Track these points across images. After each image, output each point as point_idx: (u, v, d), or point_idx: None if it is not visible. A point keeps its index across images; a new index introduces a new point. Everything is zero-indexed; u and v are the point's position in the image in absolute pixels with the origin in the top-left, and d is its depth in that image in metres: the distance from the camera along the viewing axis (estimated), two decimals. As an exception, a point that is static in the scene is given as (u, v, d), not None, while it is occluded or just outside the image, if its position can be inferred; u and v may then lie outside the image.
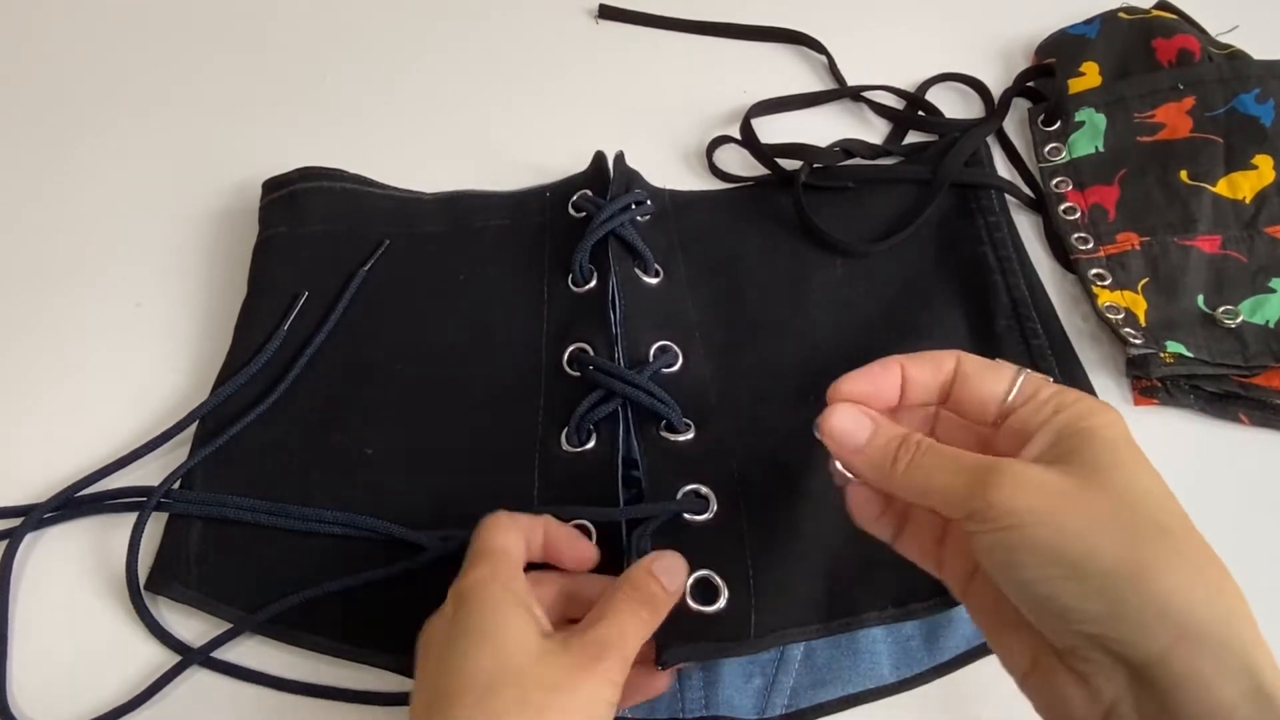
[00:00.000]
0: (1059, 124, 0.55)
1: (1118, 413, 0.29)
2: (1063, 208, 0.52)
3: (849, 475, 0.34)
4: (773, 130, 0.57)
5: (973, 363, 0.32)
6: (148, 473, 0.44)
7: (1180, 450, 0.44)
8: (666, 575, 0.34)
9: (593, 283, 0.47)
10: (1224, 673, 0.24)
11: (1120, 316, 0.46)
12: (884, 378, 0.33)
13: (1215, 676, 0.24)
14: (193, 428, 0.44)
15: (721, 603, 0.36)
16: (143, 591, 0.40)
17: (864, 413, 0.32)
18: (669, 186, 0.54)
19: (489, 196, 0.53)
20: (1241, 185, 0.49)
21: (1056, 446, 0.28)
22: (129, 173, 0.56)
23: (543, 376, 0.45)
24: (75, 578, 0.41)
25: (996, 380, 0.31)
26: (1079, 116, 0.54)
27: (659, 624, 0.33)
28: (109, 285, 0.51)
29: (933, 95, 0.58)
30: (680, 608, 0.36)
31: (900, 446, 0.30)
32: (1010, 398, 0.30)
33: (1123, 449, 0.28)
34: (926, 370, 0.32)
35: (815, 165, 0.52)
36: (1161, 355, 0.44)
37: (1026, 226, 0.52)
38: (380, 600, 0.39)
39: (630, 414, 0.42)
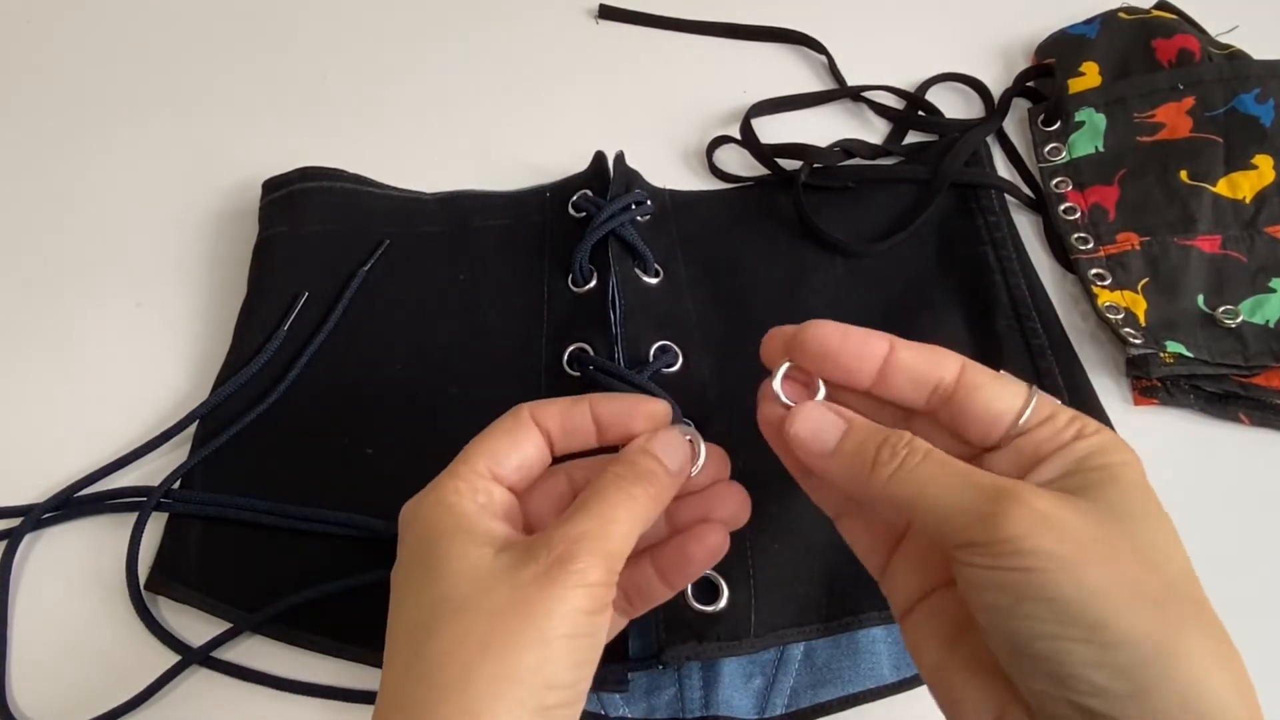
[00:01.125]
0: (1059, 124, 0.55)
1: (1135, 454, 0.26)
2: (1063, 208, 0.52)
3: (789, 402, 0.29)
4: (773, 130, 0.57)
5: (982, 373, 0.27)
6: (148, 473, 0.44)
7: (1180, 450, 0.44)
8: (665, 451, 0.29)
9: (593, 283, 0.47)
10: None
11: (1120, 316, 0.46)
12: (864, 346, 0.27)
13: None
14: (193, 428, 0.44)
15: (722, 602, 0.36)
16: (143, 591, 0.40)
17: (831, 409, 0.28)
18: (669, 186, 0.54)
19: (489, 196, 0.53)
20: (1241, 185, 0.49)
21: (1071, 479, 0.25)
22: (129, 173, 0.56)
23: (542, 376, 0.45)
24: (75, 578, 0.41)
25: (1011, 396, 0.26)
26: (1079, 116, 0.54)
27: (661, 506, 0.28)
28: (109, 285, 0.51)
29: (933, 95, 0.58)
30: (680, 607, 0.36)
31: (882, 448, 0.26)
32: (1025, 418, 0.26)
33: (1146, 497, 0.24)
34: (922, 364, 0.27)
35: (815, 165, 0.52)
36: (1161, 355, 0.44)
37: (1026, 226, 0.52)
38: (380, 600, 0.39)
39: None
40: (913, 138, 0.56)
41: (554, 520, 0.27)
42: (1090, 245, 0.50)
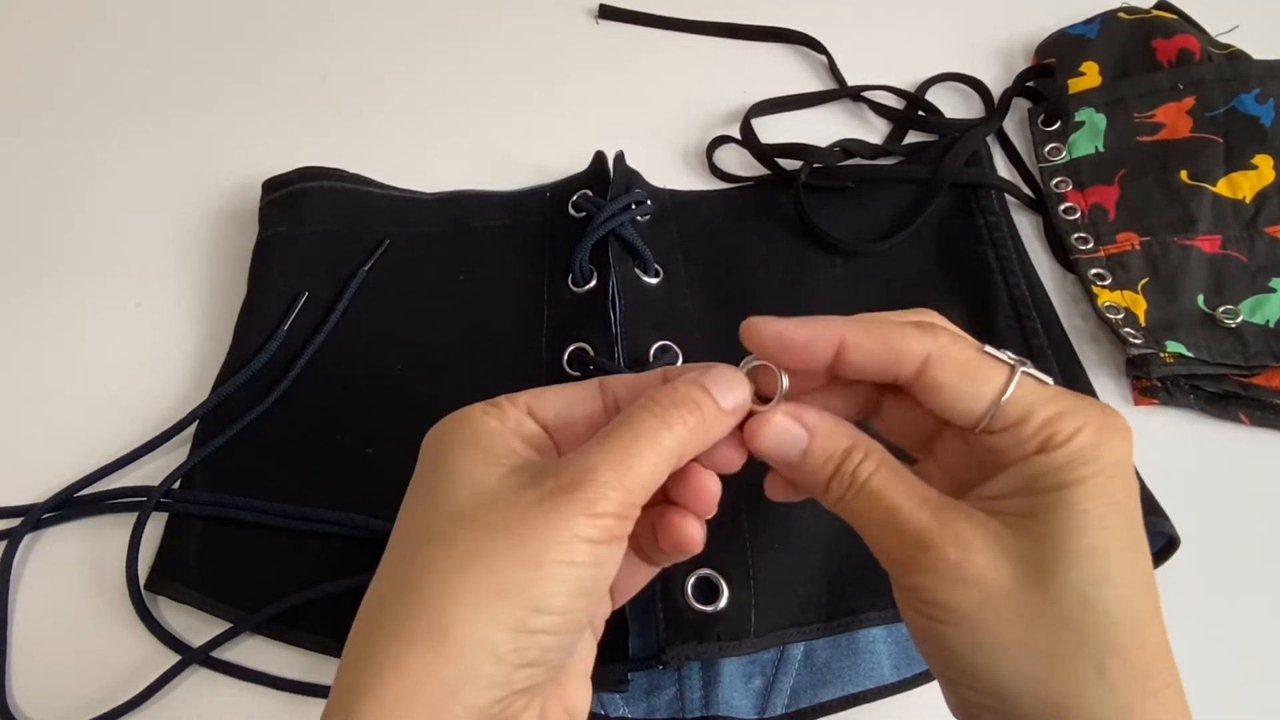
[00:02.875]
0: (1059, 124, 0.55)
1: (1117, 463, 0.24)
2: (1063, 208, 0.52)
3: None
4: (773, 130, 0.57)
5: (948, 369, 0.25)
6: (148, 473, 0.44)
7: (1180, 450, 0.44)
8: (718, 385, 0.26)
9: (593, 283, 0.47)
10: None
11: (1120, 316, 0.46)
12: (807, 351, 0.26)
13: None
14: (193, 428, 0.44)
15: (722, 602, 0.36)
16: (143, 591, 0.40)
17: (797, 418, 0.26)
18: (669, 186, 0.54)
19: (489, 196, 0.53)
20: (1241, 185, 0.49)
21: (1020, 500, 0.24)
22: (129, 173, 0.56)
23: (542, 376, 0.45)
24: (75, 578, 0.41)
25: (973, 398, 0.24)
26: (1079, 116, 0.54)
27: (706, 442, 0.26)
28: (109, 285, 0.51)
29: (933, 95, 0.58)
30: (681, 607, 0.36)
31: (836, 472, 0.25)
32: (987, 422, 0.24)
33: (1098, 526, 0.23)
34: (874, 363, 0.25)
35: (815, 165, 0.52)
36: (1161, 355, 0.44)
37: (1026, 226, 0.52)
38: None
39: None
40: (913, 138, 0.57)
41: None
42: (1090, 245, 0.50)
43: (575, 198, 0.50)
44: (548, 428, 0.27)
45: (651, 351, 0.44)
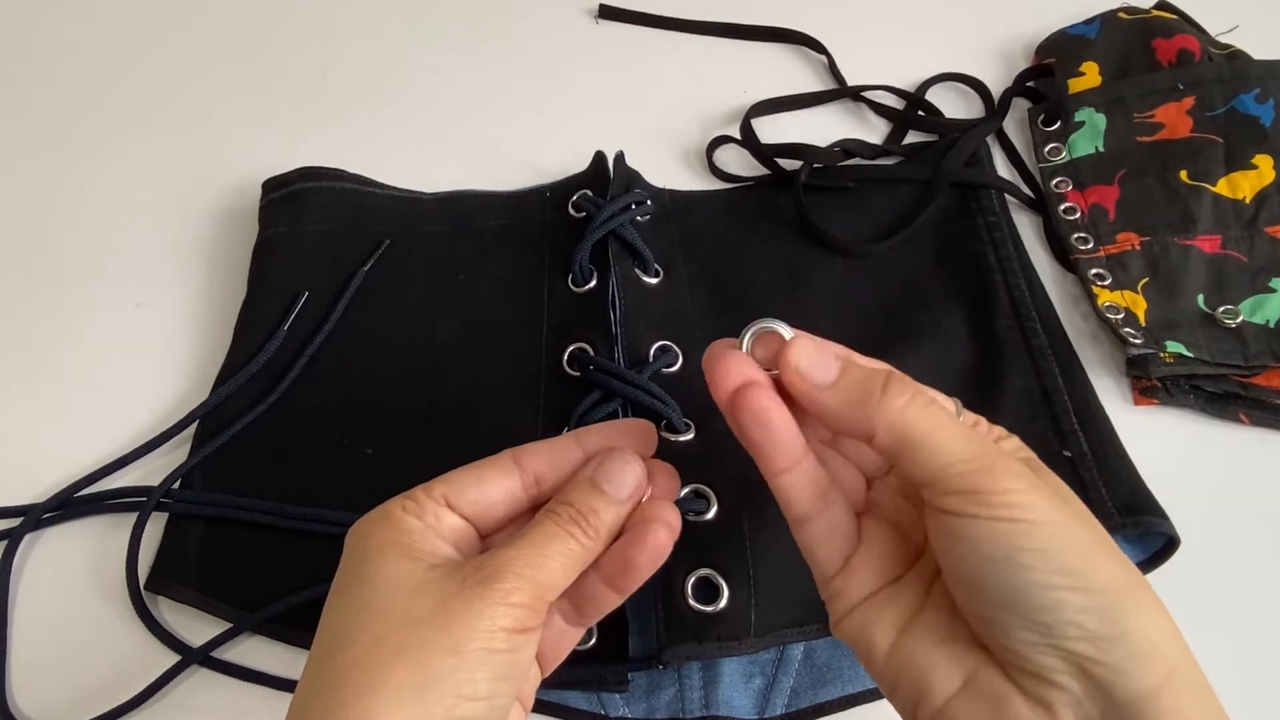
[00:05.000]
0: (1059, 124, 0.55)
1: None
2: (1063, 208, 0.52)
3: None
4: (773, 130, 0.57)
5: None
6: (148, 473, 0.44)
7: (1180, 450, 0.44)
8: (611, 481, 0.28)
9: (593, 283, 0.47)
10: (1207, 717, 0.23)
11: (1120, 316, 0.46)
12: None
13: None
14: (193, 428, 0.44)
15: (722, 602, 0.36)
16: (143, 591, 0.40)
17: (823, 346, 0.27)
18: (669, 186, 0.54)
19: (489, 196, 0.53)
20: (1241, 185, 0.49)
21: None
22: (129, 173, 0.56)
23: (542, 376, 0.45)
24: (75, 578, 0.41)
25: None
26: (1079, 116, 0.54)
27: (603, 543, 0.28)
28: (109, 285, 0.51)
29: (933, 95, 0.58)
30: (680, 607, 0.36)
31: (890, 380, 0.26)
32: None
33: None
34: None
35: (815, 165, 0.52)
36: (1161, 355, 0.44)
37: (1026, 226, 0.52)
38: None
39: (630, 414, 0.42)
40: (913, 138, 0.56)
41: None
42: (1090, 245, 0.50)
43: (575, 198, 0.50)
44: (465, 515, 0.28)
45: (651, 351, 0.44)
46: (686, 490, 0.39)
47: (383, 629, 0.24)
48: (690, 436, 0.41)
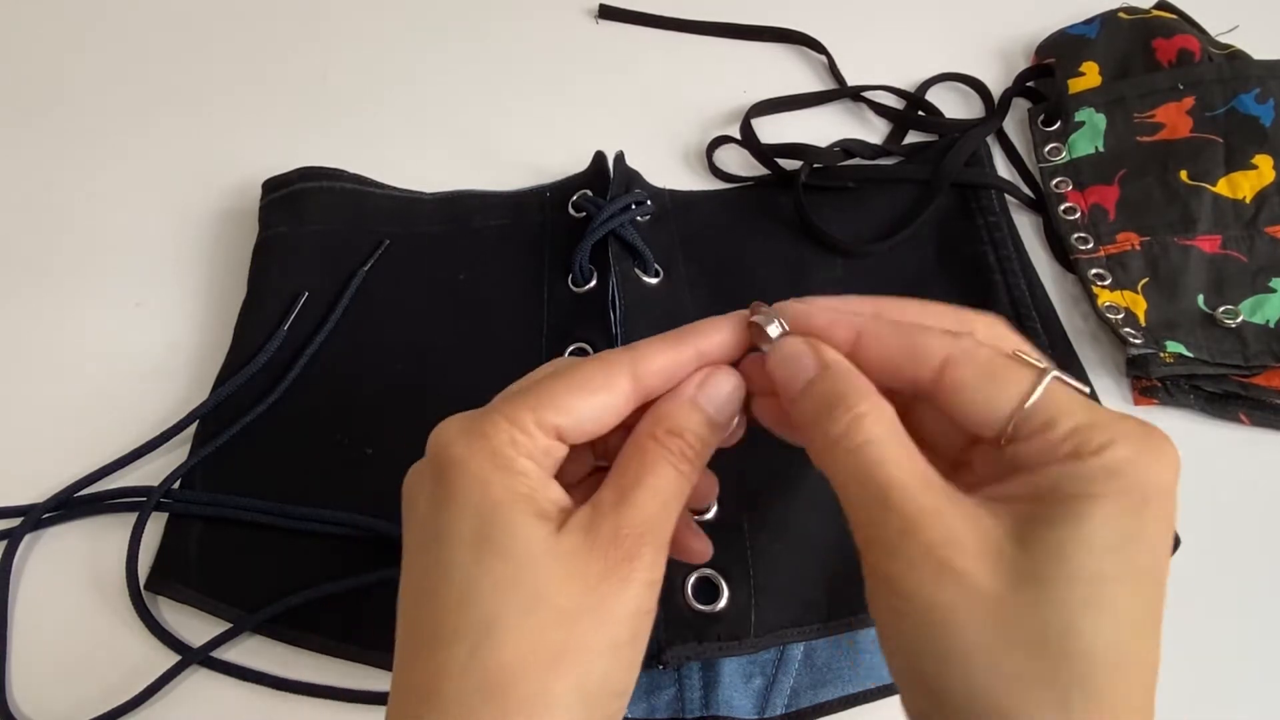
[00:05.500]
0: (1059, 124, 0.55)
1: (1153, 487, 0.22)
2: (1063, 208, 0.52)
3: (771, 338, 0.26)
4: (773, 130, 0.57)
5: (971, 367, 0.22)
6: (148, 473, 0.44)
7: (1180, 450, 0.44)
8: (715, 405, 0.25)
9: (593, 283, 0.47)
10: None
11: (1120, 316, 0.46)
12: (824, 332, 0.24)
13: None
14: (193, 428, 0.44)
15: (722, 602, 0.36)
16: (143, 591, 0.40)
17: (815, 351, 0.24)
18: (669, 186, 0.54)
19: (489, 196, 0.53)
20: (1241, 185, 0.49)
21: (1032, 505, 0.21)
22: (129, 173, 0.56)
23: (543, 376, 0.45)
24: (75, 578, 0.41)
25: (1000, 402, 0.22)
26: (1079, 116, 0.54)
27: (701, 469, 0.25)
28: (109, 285, 0.51)
29: (933, 95, 0.58)
30: (681, 607, 0.36)
31: (830, 416, 0.23)
32: (1011, 430, 0.22)
33: (1107, 549, 0.20)
34: (892, 354, 0.23)
35: (815, 165, 0.52)
36: (1161, 355, 0.44)
37: (1026, 226, 0.52)
38: (380, 600, 0.39)
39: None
40: (913, 138, 0.56)
41: (604, 487, 0.24)
42: (1090, 245, 0.50)
43: (575, 198, 0.50)
44: (569, 442, 0.25)
45: (651, 351, 0.44)
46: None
47: (537, 624, 0.21)
48: (690, 436, 0.41)
